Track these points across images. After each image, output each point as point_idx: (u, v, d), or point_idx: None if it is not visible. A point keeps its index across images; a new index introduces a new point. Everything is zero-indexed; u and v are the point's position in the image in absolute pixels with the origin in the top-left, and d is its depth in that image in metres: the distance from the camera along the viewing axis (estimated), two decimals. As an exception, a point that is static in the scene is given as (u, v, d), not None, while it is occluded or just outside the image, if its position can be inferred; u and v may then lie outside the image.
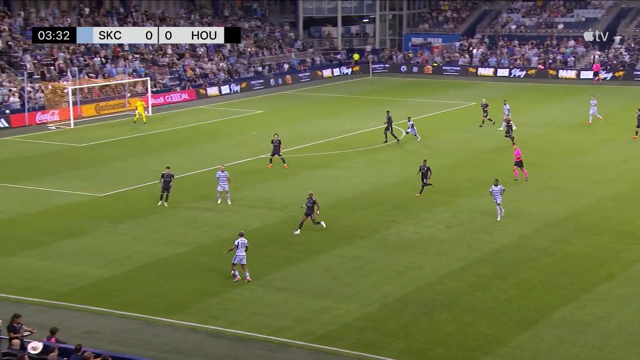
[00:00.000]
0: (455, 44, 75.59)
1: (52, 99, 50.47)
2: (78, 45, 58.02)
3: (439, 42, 76.86)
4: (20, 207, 30.40)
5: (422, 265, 24.42)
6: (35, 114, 49.02)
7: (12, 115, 48.05)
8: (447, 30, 78.25)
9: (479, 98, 58.14)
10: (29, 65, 53.04)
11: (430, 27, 79.20)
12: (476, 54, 72.69)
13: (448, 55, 74.45)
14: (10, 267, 24.14)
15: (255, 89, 64.45)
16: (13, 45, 54.53)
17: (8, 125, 47.45)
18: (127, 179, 34.81)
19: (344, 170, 36.57)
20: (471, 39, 75.49)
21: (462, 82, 67.77)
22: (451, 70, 72.01)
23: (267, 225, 28.27)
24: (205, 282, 23.14)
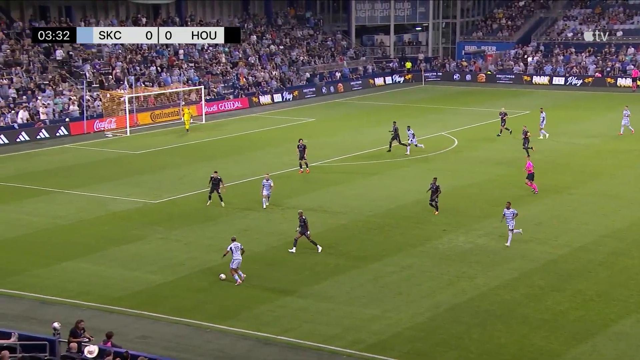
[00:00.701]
0: (509, 52, 74.68)
1: (110, 107, 51.55)
2: (135, 54, 59.20)
3: (492, 50, 76.05)
4: (78, 213, 31.07)
5: (474, 275, 24.11)
6: (93, 121, 50.12)
7: (72, 123, 49.20)
8: (502, 38, 77.35)
9: (533, 107, 57.33)
10: (88, 74, 54.31)
11: (484, 35, 78.44)
12: (531, 62, 71.68)
13: (502, 63, 73.58)
14: (67, 272, 24.68)
15: (308, 97, 64.71)
16: (73, 55, 55.93)
17: (68, 133, 48.60)
18: (181, 186, 35.28)
19: (396, 179, 36.40)
20: (526, 47, 74.48)
21: (517, 90, 66.86)
22: (505, 79, 71.14)
23: (318, 233, 28.26)
24: (256, 289, 23.26)
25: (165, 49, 61.68)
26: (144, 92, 53.80)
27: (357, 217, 30.28)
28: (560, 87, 67.63)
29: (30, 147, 44.96)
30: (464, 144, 44.11)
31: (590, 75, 68.06)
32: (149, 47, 61.13)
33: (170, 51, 61.74)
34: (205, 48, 64.69)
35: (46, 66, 53.71)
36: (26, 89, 50.49)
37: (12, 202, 32.66)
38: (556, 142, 44.27)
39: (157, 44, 61.24)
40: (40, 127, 47.58)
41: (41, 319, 21.08)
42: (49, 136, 47.46)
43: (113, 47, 58.72)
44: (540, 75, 69.98)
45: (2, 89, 49.56)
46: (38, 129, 47.42)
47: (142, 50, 60.41)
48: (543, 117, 45.00)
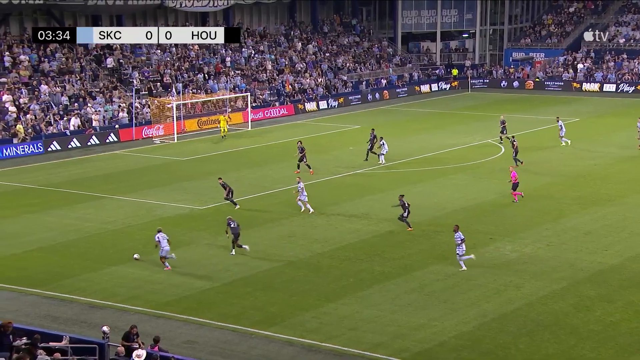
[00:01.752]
0: (558, 58, 73.62)
1: (158, 114, 52.31)
2: (183, 61, 60.01)
3: (541, 57, 75.09)
4: (126, 219, 31.59)
5: (521, 284, 23.79)
6: (142, 128, 50.91)
7: (121, 130, 50.06)
8: (550, 45, 76.32)
9: (583, 114, 56.42)
10: (137, 81, 55.24)
11: (532, 42, 77.50)
12: (581, 69, 70.52)
13: (551, 70, 72.58)
14: (116, 276, 25.09)
15: (353, 104, 64.74)
16: (123, 62, 56.96)
17: (117, 139, 49.47)
18: (227, 192, 35.54)
19: (442, 186, 36.18)
20: (576, 54, 73.33)
21: (566, 97, 65.87)
22: (554, 86, 70.13)
23: (363, 241, 28.26)
24: (300, 295, 23.32)
25: (213, 57, 62.39)
26: (191, 99, 54.48)
27: (402, 224, 30.12)
28: (612, 94, 66.40)
29: (81, 154, 45.89)
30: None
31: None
32: (197, 54, 61.89)
33: (217, 59, 62.44)
34: (252, 55, 65.24)
35: (97, 74, 54.79)
36: (78, 97, 51.58)
37: (64, 207, 33.37)
38: (606, 150, 43.48)
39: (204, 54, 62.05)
40: (91, 133, 48.55)
41: (91, 322, 21.48)
42: (99, 142, 48.36)
43: (162, 55, 59.61)
44: (591, 82, 68.81)
45: (55, 96, 50.74)
46: (89, 135, 48.40)
47: (189, 57, 61.21)
48: (561, 125, 44.62)
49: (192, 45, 62.30)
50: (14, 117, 47.28)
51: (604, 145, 44.78)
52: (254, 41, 67.46)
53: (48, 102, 49.81)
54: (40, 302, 23.04)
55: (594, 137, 47.64)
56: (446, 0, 78.01)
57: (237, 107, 56.84)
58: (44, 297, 23.35)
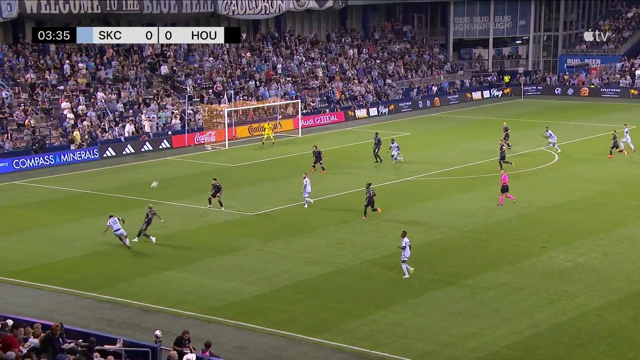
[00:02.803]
0: (615, 65, 72.14)
1: (210, 121, 52.96)
2: (235, 69, 60.69)
3: (597, 64, 73.68)
4: (178, 224, 32.01)
5: (575, 294, 23.34)
6: (194, 135, 51.59)
7: (174, 137, 50.79)
8: (607, 51, 74.83)
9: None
10: (189, 88, 56.04)
11: (588, 48, 76.12)
12: (639, 75, 68.96)
13: (607, 76, 71.15)
14: (168, 281, 25.43)
15: (404, 111, 64.51)
16: (177, 70, 57.86)
17: (170, 145, 50.21)
18: (276, 199, 35.81)
19: (492, 194, 35.72)
20: (634, 60, 71.73)
21: (623, 104, 64.50)
22: (610, 93, 68.76)
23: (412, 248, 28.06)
24: (350, 302, 23.30)
25: (264, 64, 62.92)
26: (242, 106, 55.00)
27: (453, 232, 29.91)
28: (670, 100, 64.82)
29: (135, 160, 46.71)
30: (564, 160, 42.88)
31: (703, 88, 64.88)
32: (248, 62, 62.50)
33: (268, 66, 62.94)
34: (302, 62, 65.58)
35: (151, 81, 55.76)
36: (132, 103, 52.56)
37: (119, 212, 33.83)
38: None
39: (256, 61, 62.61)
40: (144, 140, 49.39)
41: (143, 326, 21.80)
42: (152, 149, 49.16)
43: (214, 63, 60.38)
44: (649, 89, 67.29)
45: (111, 103, 51.79)
46: (142, 141, 49.25)
47: (241, 65, 61.85)
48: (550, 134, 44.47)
49: (244, 53, 62.95)
50: (71, 124, 48.43)
51: None
52: (305, 48, 67.83)
53: (104, 109, 50.89)
54: (95, 305, 23.50)
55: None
56: (499, 6, 77.22)
57: (288, 114, 57.17)
58: (98, 300, 23.81)
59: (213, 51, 61.72)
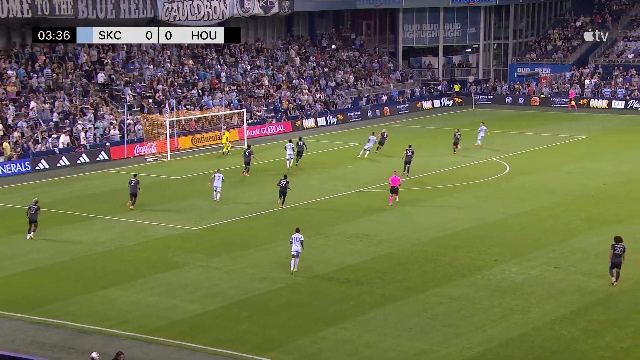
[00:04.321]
0: (565, 74, 74.04)
1: (150, 132, 52.44)
2: (177, 77, 60.29)
3: (547, 73, 75.50)
4: (116, 240, 31.59)
5: (528, 308, 23.80)
6: (133, 146, 51.00)
7: (112, 148, 50.11)
8: (557, 60, 76.79)
9: (591, 131, 56.67)
10: (129, 97, 55.42)
11: (538, 57, 77.97)
12: (588, 85, 70.92)
13: (557, 86, 72.95)
14: (107, 300, 25.05)
15: (352, 120, 64.95)
16: (115, 78, 57.17)
17: (108, 157, 49.52)
18: (222, 212, 35.64)
19: (444, 206, 36.24)
20: (583, 69, 73.75)
21: (573, 114, 66.18)
22: (560, 102, 70.47)
23: (363, 262, 28.29)
24: (299, 319, 23.32)
25: (208, 72, 62.66)
26: (185, 115, 54.65)
27: (404, 245, 30.21)
28: (620, 110, 66.75)
29: (71, 172, 45.94)
30: (515, 170, 43.75)
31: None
32: (191, 70, 62.16)
33: (212, 74, 62.71)
34: (248, 70, 65.54)
35: (88, 90, 54.96)
36: (68, 113, 51.69)
37: (53, 228, 33.36)
38: (616, 169, 43.64)
39: (199, 69, 62.32)
40: (80, 151, 48.61)
41: (79, 348, 21.42)
42: (89, 161, 48.42)
43: (154, 70, 59.87)
44: (599, 99, 69.16)
45: (44, 113, 50.83)
46: (78, 153, 48.46)
47: (183, 73, 61.48)
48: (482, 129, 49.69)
49: (187, 60, 62.61)
50: (0, 135, 47.31)
51: (613, 164, 44.94)
52: (250, 56, 67.82)
53: (36, 119, 49.92)
54: (26, 327, 22.99)
55: (602, 155, 47.84)
56: (449, 14, 78.54)
57: (233, 124, 57.01)
58: (30, 322, 23.28)
59: (154, 59, 61.22)
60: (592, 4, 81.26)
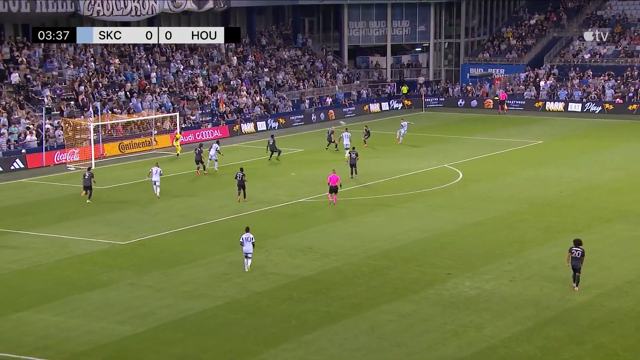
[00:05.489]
0: (519, 75, 75.53)
1: (72, 137, 51.66)
2: (102, 77, 59.55)
3: (501, 74, 76.90)
4: (34, 257, 30.98)
5: (482, 324, 24.13)
6: (53, 153, 50.19)
7: (29, 155, 49.23)
8: (511, 60, 78.30)
9: (548, 136, 57.88)
10: (47, 100, 54.48)
11: (491, 57, 79.40)
12: (544, 87, 72.49)
13: (511, 87, 74.36)
14: (23, 324, 24.53)
15: (295, 125, 65.09)
16: (31, 78, 56.14)
17: (24, 166, 48.61)
18: (153, 225, 35.29)
19: (393, 216, 36.52)
20: (538, 70, 75.37)
21: (528, 117, 67.51)
22: (515, 105, 71.84)
23: (306, 277, 28.31)
24: (237, 341, 23.20)
25: (136, 72, 62.06)
26: (111, 119, 54.00)
27: (351, 258, 30.33)
28: (577, 114, 68.37)
29: (-18, 182, 44.92)
30: (469, 177, 44.37)
31: (609, 101, 68.80)
32: (117, 70, 61.48)
33: (141, 74, 62.13)
34: (180, 70, 65.13)
35: (0, 91, 53.84)
36: (-22, 117, 50.56)
37: (-38, 244, 32.55)
38: (573, 176, 44.62)
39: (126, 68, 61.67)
40: (-7, 159, 47.63)
41: (-8, 377, 20.94)
42: (2, 170, 47.52)
43: (76, 70, 59.04)
44: (555, 101, 70.75)
45: (-50, 116, 49.62)
46: (-9, 161, 47.47)
47: (109, 73, 60.76)
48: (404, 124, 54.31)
49: (112, 59, 61.89)
50: None
51: (570, 170, 45.97)
52: (182, 55, 67.41)
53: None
54: None
55: (559, 161, 48.91)
56: (397, 11, 79.39)
57: (164, 128, 56.55)
58: (-64, 349, 22.66)
59: (75, 57, 60.32)
60: (547, 2, 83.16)
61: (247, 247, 28.66)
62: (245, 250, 28.67)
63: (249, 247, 28.65)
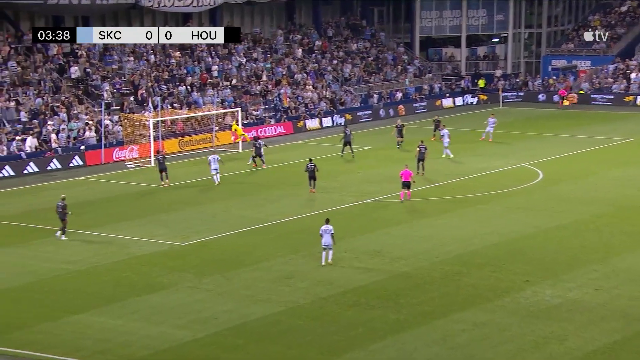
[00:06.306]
0: (608, 67, 74.04)
1: (132, 133, 52.53)
2: (162, 71, 60.46)
3: (586, 65, 75.51)
4: (93, 258, 31.62)
5: (564, 336, 23.76)
6: (112, 150, 51.12)
7: (88, 152, 50.15)
8: (598, 51, 76.78)
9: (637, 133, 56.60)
10: (107, 95, 55.54)
11: (576, 48, 77.96)
12: (635, 79, 70.91)
13: (598, 80, 72.96)
14: (81, 327, 25.05)
15: (362, 121, 65.05)
16: (91, 72, 57.32)
17: (83, 163, 49.61)
18: (213, 226, 35.68)
19: (469, 218, 36.23)
20: (629, 61, 73.72)
21: (616, 113, 66.16)
22: (602, 99, 70.53)
23: (374, 283, 28.28)
24: (301, 348, 23.30)
25: (197, 66, 62.83)
26: (171, 115, 54.77)
27: (421, 263, 30.20)
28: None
29: (40, 180, 46.07)
30: (550, 177, 43.75)
31: None
32: (178, 63, 62.33)
33: (202, 68, 62.88)
34: (242, 64, 65.69)
35: (59, 85, 55.09)
36: (36, 112, 51.81)
37: (18, 244, 33.45)
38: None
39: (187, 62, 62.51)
40: (51, 156, 48.75)
41: (49, 381, 21.43)
42: (61, 167, 48.55)
43: (136, 64, 60.06)
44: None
45: (9, 112, 50.93)
46: (49, 158, 48.60)
47: (169, 66, 61.64)
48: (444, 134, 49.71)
49: (173, 52, 62.78)
50: (-41, 137, 47.43)
51: None
52: (245, 47, 68.01)
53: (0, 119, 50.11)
54: (-13, 357, 23.04)
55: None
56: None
57: (226, 124, 57.13)
58: (-9, 351, 23.33)
59: (135, 50, 61.37)
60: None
61: (325, 239, 29.36)
62: (324, 242, 29.39)
63: (327, 240, 29.33)
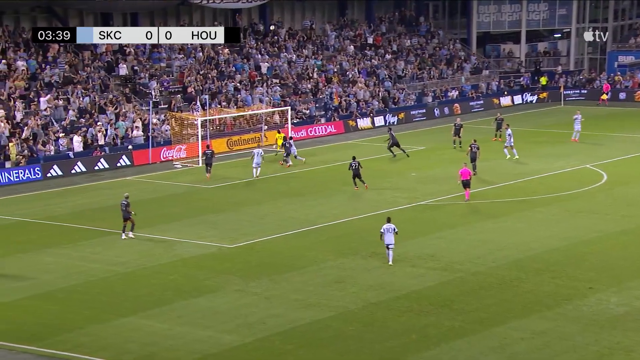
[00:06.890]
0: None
1: (179, 133, 53.01)
2: (210, 69, 60.96)
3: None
4: (139, 259, 32.00)
5: (631, 347, 23.42)
6: (160, 149, 51.61)
7: (135, 152, 50.60)
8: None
9: None
10: (154, 93, 56.11)
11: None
12: None
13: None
14: (127, 330, 25.38)
15: (416, 120, 64.83)
16: (139, 70, 58.00)
17: (130, 163, 50.13)
18: (262, 228, 35.86)
19: (528, 222, 35.91)
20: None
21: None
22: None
23: (428, 288, 28.18)
24: (352, 355, 23.32)
25: (246, 63, 63.19)
26: (219, 114, 55.14)
27: (477, 268, 30.01)
28: None
29: (87, 180, 46.71)
30: (615, 179, 43.15)
31: None
32: (227, 60, 62.75)
33: (251, 65, 63.21)
34: (292, 61, 65.89)
35: (107, 84, 55.81)
36: (84, 111, 52.54)
37: (65, 245, 33.97)
38: None
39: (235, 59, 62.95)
40: (98, 156, 49.40)
41: (95, 385, 21.75)
42: (108, 166, 49.14)
43: (184, 61, 60.60)
44: None
45: (57, 110, 51.70)
46: (96, 158, 49.25)
47: (218, 64, 62.07)
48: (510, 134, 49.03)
49: (222, 49, 63.22)
50: (6, 136, 48.14)
51: None
52: (295, 44, 68.24)
53: (48, 117, 50.90)
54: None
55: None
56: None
57: (275, 123, 57.35)
58: (38, 354, 23.65)
59: (183, 47, 61.92)
60: None
61: (388, 238, 29.65)
62: (387, 241, 29.72)
63: (390, 239, 29.62)
